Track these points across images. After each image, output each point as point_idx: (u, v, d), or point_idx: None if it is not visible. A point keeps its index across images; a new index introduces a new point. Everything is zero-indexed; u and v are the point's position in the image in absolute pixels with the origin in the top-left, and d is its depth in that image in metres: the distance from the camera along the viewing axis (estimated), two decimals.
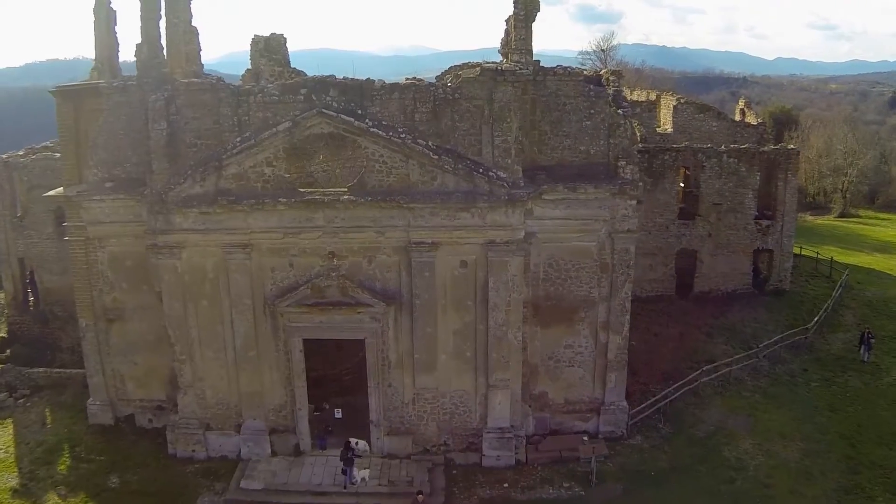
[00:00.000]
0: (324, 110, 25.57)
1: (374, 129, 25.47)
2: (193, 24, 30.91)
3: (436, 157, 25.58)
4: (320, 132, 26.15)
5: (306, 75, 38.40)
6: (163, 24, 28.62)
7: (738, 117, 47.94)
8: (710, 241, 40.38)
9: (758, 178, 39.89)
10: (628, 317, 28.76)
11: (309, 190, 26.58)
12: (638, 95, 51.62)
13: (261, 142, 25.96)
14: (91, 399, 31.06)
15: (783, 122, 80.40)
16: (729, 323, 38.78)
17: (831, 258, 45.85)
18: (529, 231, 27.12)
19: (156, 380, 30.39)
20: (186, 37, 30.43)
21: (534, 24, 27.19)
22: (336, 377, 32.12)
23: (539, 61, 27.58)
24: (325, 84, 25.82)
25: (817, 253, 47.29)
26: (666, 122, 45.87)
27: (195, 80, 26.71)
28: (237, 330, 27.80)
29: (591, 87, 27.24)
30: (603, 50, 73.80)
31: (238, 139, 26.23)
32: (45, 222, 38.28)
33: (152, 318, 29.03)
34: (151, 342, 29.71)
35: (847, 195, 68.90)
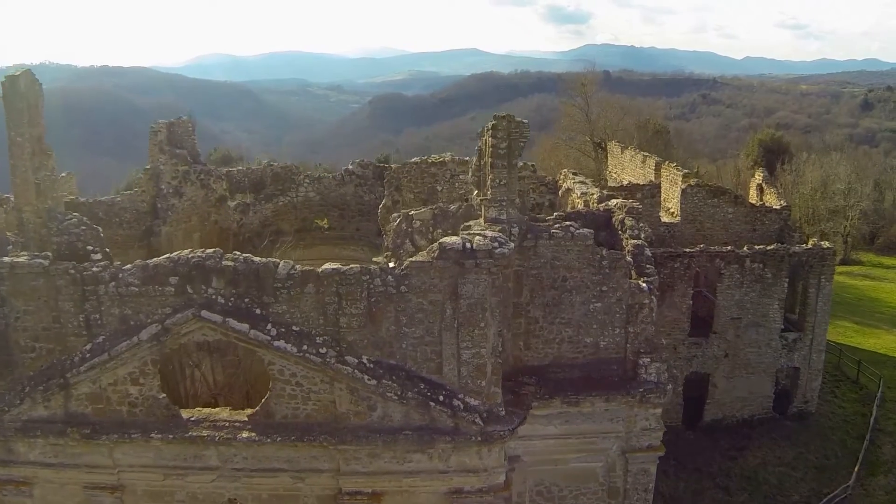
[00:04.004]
0: (203, 313, 16.01)
1: (280, 344, 15.93)
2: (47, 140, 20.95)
3: (373, 381, 16.10)
4: (202, 339, 16.66)
5: (219, 173, 28.69)
6: None
7: (752, 193, 38.56)
8: (727, 361, 31.20)
9: (785, 284, 30.70)
10: None
11: (193, 418, 17.13)
12: (631, 159, 41.99)
13: (118, 355, 16.42)
14: None
15: (774, 152, 71.06)
16: (749, 468, 29.74)
17: (859, 362, 36.91)
18: (512, 455, 17.88)
19: None
20: (38, 160, 20.50)
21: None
22: None
23: (527, 217, 18.07)
24: (204, 271, 16.15)
25: (841, 351, 38.28)
26: (669, 202, 36.47)
27: (21, 259, 16.93)
28: None
29: (603, 252, 17.77)
30: (584, 84, 63.43)
31: (88, 347, 16.67)
32: None
33: None
34: None
35: (848, 239, 59.97)
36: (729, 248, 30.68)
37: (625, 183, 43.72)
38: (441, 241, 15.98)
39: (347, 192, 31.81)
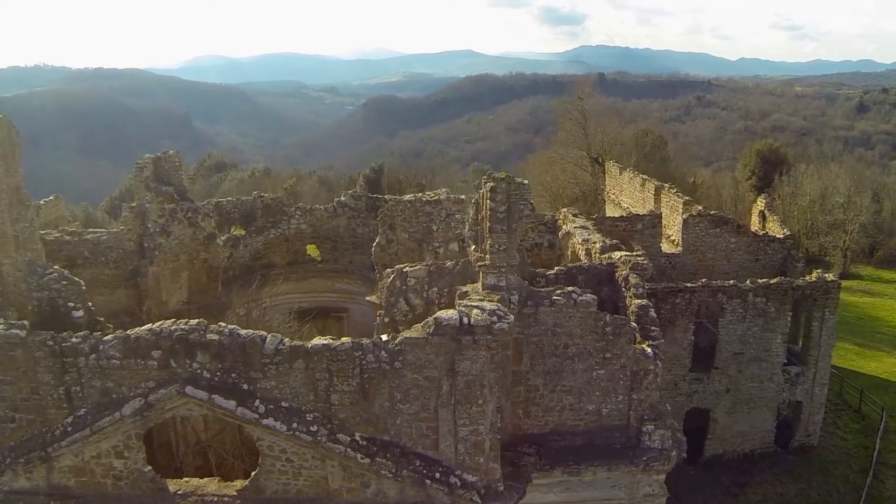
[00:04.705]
0: (188, 389, 15.24)
1: (269, 422, 15.20)
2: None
3: (366, 460, 15.38)
4: (188, 414, 15.92)
5: (207, 209, 27.88)
6: None
7: (755, 219, 37.84)
8: (728, 396, 30.54)
9: (789, 319, 30.01)
10: None
11: (180, 492, 16.39)
12: (630, 181, 41.24)
13: (100, 429, 15.68)
14: None
15: (772, 163, 70.48)
16: None
17: (861, 390, 36.30)
18: None
19: None
20: (16, 211, 19.62)
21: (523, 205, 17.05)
22: None
23: (527, 283, 17.31)
24: (188, 345, 15.37)
25: (842, 378, 37.64)
26: (670, 228, 35.77)
27: None
28: None
29: (607, 318, 17.04)
30: (581, 98, 62.67)
31: (69, 420, 15.92)
32: None
33: None
34: None
35: (848, 253, 59.36)
36: (731, 281, 29.96)
37: (623, 205, 43.10)
38: (437, 315, 15.21)
39: (340, 224, 31.03)
